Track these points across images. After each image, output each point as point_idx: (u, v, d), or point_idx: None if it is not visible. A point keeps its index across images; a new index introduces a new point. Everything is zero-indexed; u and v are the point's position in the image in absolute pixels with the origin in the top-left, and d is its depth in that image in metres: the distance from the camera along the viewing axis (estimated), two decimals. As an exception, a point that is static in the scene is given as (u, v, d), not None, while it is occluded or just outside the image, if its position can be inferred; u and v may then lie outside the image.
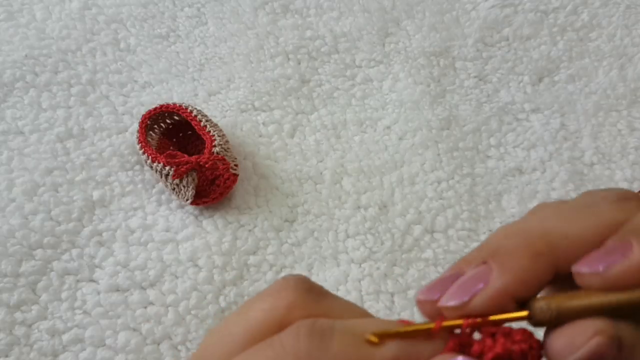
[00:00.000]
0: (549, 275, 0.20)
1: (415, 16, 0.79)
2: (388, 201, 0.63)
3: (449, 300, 0.20)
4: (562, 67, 0.75)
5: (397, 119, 0.69)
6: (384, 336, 0.19)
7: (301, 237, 0.60)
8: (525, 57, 0.76)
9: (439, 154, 0.67)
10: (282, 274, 0.58)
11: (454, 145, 0.68)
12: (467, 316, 0.19)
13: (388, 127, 0.69)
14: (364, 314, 0.21)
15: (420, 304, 0.20)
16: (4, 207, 0.58)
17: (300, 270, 0.59)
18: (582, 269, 0.19)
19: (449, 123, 0.70)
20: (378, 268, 0.58)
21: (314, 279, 0.57)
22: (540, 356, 0.20)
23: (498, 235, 0.21)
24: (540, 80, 0.74)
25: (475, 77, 0.74)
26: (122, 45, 0.73)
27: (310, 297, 0.20)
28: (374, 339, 0.19)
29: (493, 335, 0.20)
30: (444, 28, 0.78)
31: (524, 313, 0.20)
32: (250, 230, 0.60)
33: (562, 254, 0.20)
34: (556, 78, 0.75)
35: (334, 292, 0.59)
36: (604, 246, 0.19)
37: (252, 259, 0.58)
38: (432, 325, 0.19)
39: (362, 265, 0.59)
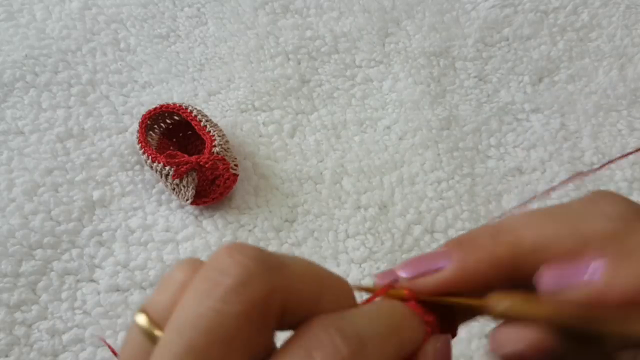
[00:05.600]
0: (501, 281, 0.21)
1: (415, 16, 0.79)
2: (388, 201, 0.63)
3: (402, 270, 0.22)
4: (562, 67, 0.75)
5: (397, 119, 0.69)
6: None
7: (301, 237, 0.60)
8: (525, 57, 0.76)
9: (439, 154, 0.67)
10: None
11: (454, 145, 0.68)
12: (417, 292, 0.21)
13: (388, 127, 0.69)
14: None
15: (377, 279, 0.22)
16: (4, 207, 0.58)
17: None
18: (545, 281, 0.20)
19: (449, 123, 0.69)
20: (378, 268, 0.58)
21: (314, 279, 0.58)
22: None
23: (476, 230, 0.22)
24: (540, 80, 0.74)
25: (475, 77, 0.74)
26: (122, 45, 0.73)
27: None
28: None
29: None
30: (444, 28, 0.78)
31: (484, 302, 0.21)
32: (250, 230, 0.60)
33: (523, 263, 0.20)
34: (556, 78, 0.75)
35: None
36: (572, 264, 0.20)
37: (252, 259, 0.58)
38: (374, 289, 0.22)
39: (362, 265, 0.59)
